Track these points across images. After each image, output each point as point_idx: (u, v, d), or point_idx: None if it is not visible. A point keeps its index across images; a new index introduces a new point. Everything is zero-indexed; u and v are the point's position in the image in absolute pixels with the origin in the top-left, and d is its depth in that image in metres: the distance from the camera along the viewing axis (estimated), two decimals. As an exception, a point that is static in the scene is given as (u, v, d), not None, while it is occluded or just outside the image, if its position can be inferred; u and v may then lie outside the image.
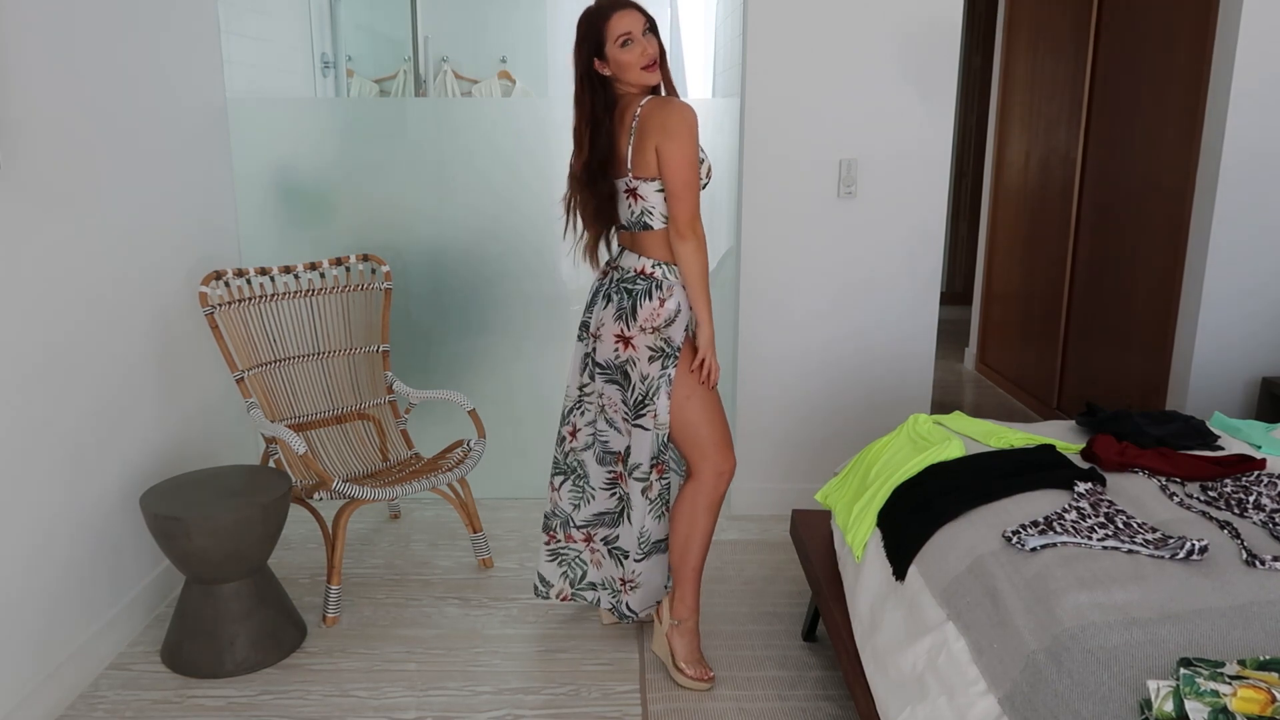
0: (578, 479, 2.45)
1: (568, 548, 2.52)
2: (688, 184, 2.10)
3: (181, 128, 2.83)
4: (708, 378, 2.23)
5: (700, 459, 2.26)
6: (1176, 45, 3.33)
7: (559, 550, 2.53)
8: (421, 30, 4.17)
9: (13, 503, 2.09)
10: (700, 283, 2.16)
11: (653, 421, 2.22)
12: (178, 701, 2.28)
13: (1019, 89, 4.77)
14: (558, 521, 2.51)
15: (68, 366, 2.28)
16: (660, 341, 2.19)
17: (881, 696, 1.74)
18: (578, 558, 2.52)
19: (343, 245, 3.30)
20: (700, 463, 2.26)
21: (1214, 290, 3.14)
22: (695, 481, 2.28)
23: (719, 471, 2.27)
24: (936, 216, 3.16)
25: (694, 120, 2.10)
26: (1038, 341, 4.55)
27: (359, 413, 3.05)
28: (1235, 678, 1.24)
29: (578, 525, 2.48)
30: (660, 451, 2.26)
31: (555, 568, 2.55)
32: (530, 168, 3.32)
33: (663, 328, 2.19)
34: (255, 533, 2.34)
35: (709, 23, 4.03)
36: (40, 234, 2.17)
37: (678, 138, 2.08)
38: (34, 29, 2.14)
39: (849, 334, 3.25)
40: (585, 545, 2.50)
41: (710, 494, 2.28)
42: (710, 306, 2.20)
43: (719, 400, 2.29)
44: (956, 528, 1.80)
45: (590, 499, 2.43)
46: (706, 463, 2.26)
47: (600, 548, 2.47)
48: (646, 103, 2.13)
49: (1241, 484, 1.87)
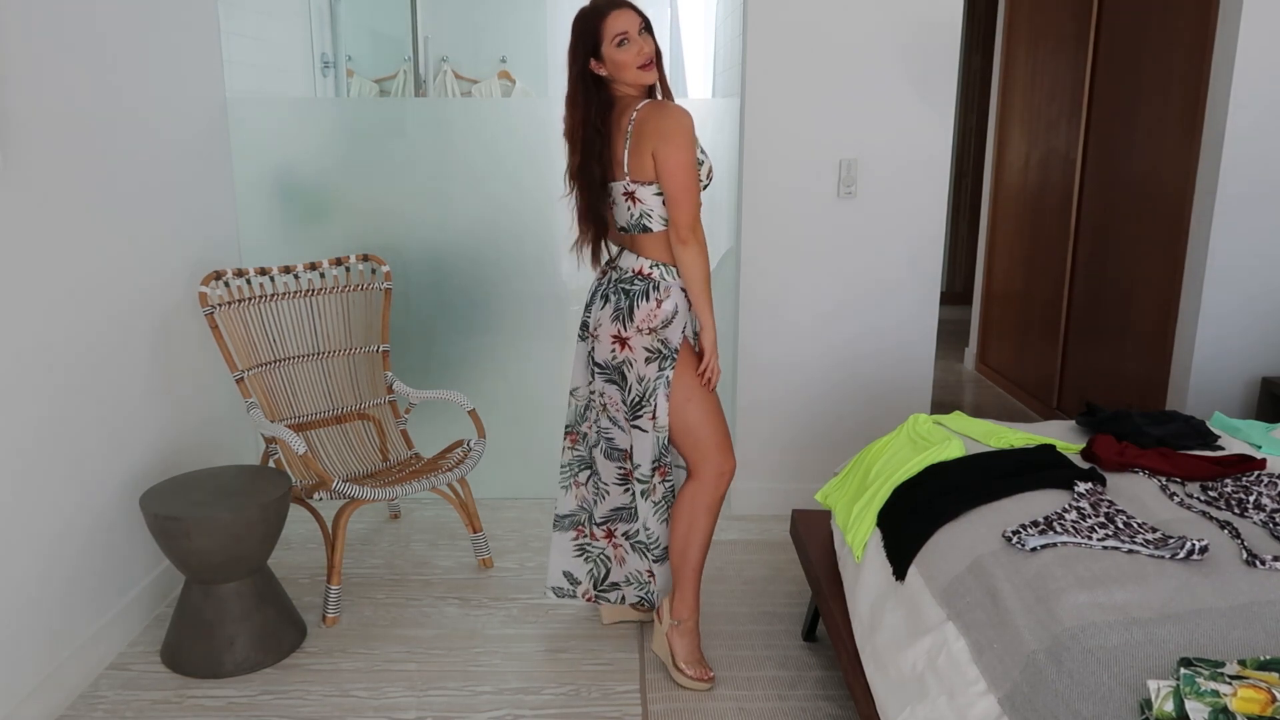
0: (594, 476, 2.44)
1: (592, 544, 2.51)
2: (686, 188, 2.10)
3: (181, 128, 2.83)
4: (709, 381, 2.23)
5: (701, 460, 2.26)
6: (1176, 45, 3.33)
7: (585, 545, 2.52)
8: (421, 30, 4.17)
9: (12, 503, 2.09)
10: (703, 286, 2.17)
11: (651, 424, 2.22)
12: (178, 701, 2.28)
13: (1019, 89, 4.77)
14: (584, 517, 2.50)
15: (67, 366, 2.28)
16: (657, 343, 2.19)
17: (881, 696, 1.74)
18: (601, 554, 2.51)
19: (343, 245, 3.30)
20: (701, 464, 2.26)
21: (1214, 290, 3.14)
22: (696, 482, 2.28)
23: (719, 472, 2.27)
24: (936, 216, 3.16)
25: (690, 124, 2.10)
26: (1038, 341, 4.55)
27: (359, 413, 3.05)
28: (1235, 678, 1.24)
29: (598, 521, 2.47)
30: (661, 454, 2.26)
31: (583, 564, 2.54)
32: (530, 168, 3.32)
33: (659, 329, 2.18)
34: (255, 533, 2.34)
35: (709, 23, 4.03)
36: (40, 234, 2.17)
37: (674, 142, 2.08)
38: (34, 29, 2.14)
39: (849, 334, 3.25)
40: (607, 541, 2.49)
41: (711, 494, 2.28)
42: (713, 309, 2.20)
43: (718, 402, 2.29)
44: (956, 528, 1.80)
45: (605, 495, 2.43)
46: (707, 463, 2.26)
47: (623, 543, 2.46)
48: (643, 106, 2.12)
49: (1241, 484, 1.87)
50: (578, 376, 2.40)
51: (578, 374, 2.40)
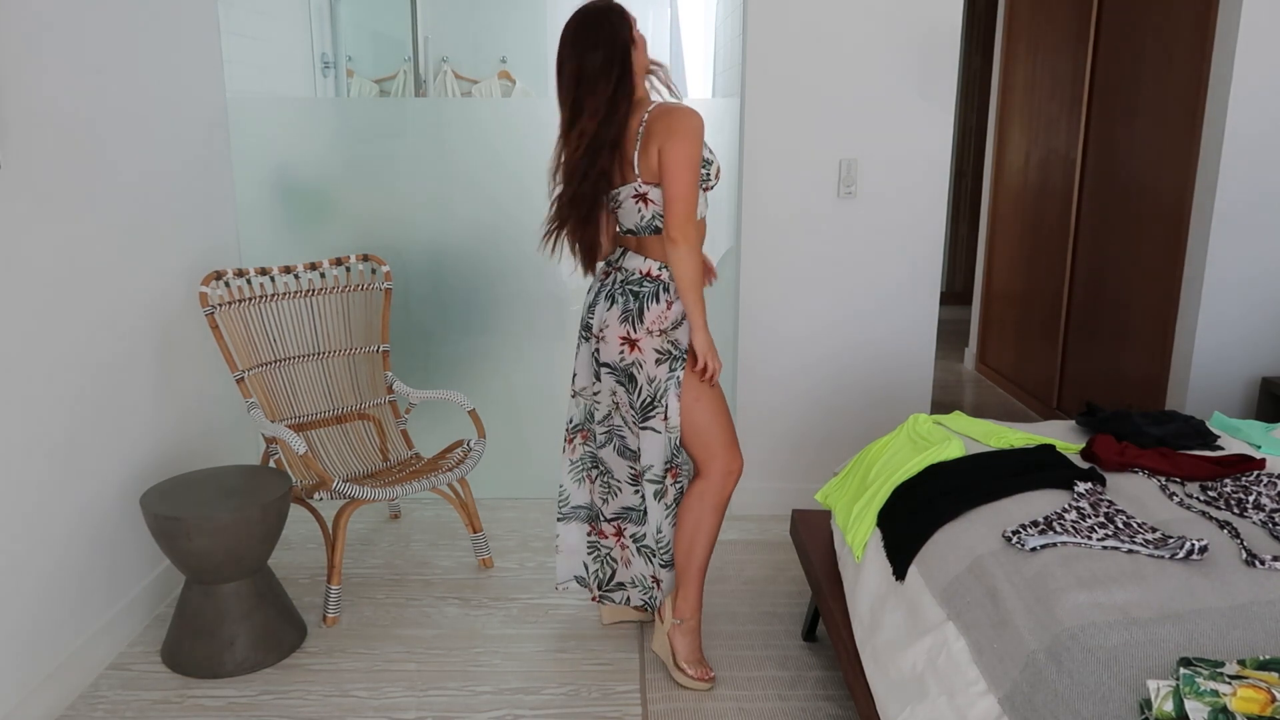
0: (603, 475, 2.44)
1: (600, 543, 2.51)
2: (687, 186, 2.09)
3: (181, 127, 2.83)
4: (710, 376, 2.22)
5: (709, 459, 2.26)
6: (1176, 45, 3.33)
7: (597, 544, 2.52)
8: (421, 30, 4.17)
9: (12, 503, 2.09)
10: (693, 287, 2.14)
11: (663, 425, 2.21)
12: (178, 701, 2.28)
13: (1019, 89, 4.77)
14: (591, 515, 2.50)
15: (68, 366, 2.28)
16: (667, 344, 2.18)
17: (881, 696, 1.74)
18: (609, 555, 2.51)
19: (343, 245, 3.30)
20: (709, 462, 2.26)
21: (1213, 290, 3.14)
22: (703, 480, 2.28)
23: (728, 471, 2.27)
24: (936, 216, 3.16)
25: (700, 125, 2.09)
26: (1038, 341, 4.55)
27: (359, 413, 3.05)
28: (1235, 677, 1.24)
29: (607, 519, 2.47)
30: (674, 455, 2.25)
31: (591, 563, 2.54)
32: (530, 168, 3.31)
33: (670, 330, 2.18)
34: (255, 533, 2.34)
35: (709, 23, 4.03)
36: (40, 233, 2.17)
37: (683, 139, 2.07)
38: (34, 29, 2.14)
39: (849, 334, 3.25)
40: (616, 541, 2.49)
41: (718, 493, 2.28)
42: (704, 310, 2.18)
43: (725, 401, 2.29)
44: (956, 528, 1.80)
45: (617, 492, 2.42)
46: (716, 462, 2.26)
47: (630, 545, 2.46)
48: (654, 108, 2.12)
49: (1241, 484, 1.87)
50: (582, 377, 2.38)
51: (582, 374, 2.38)
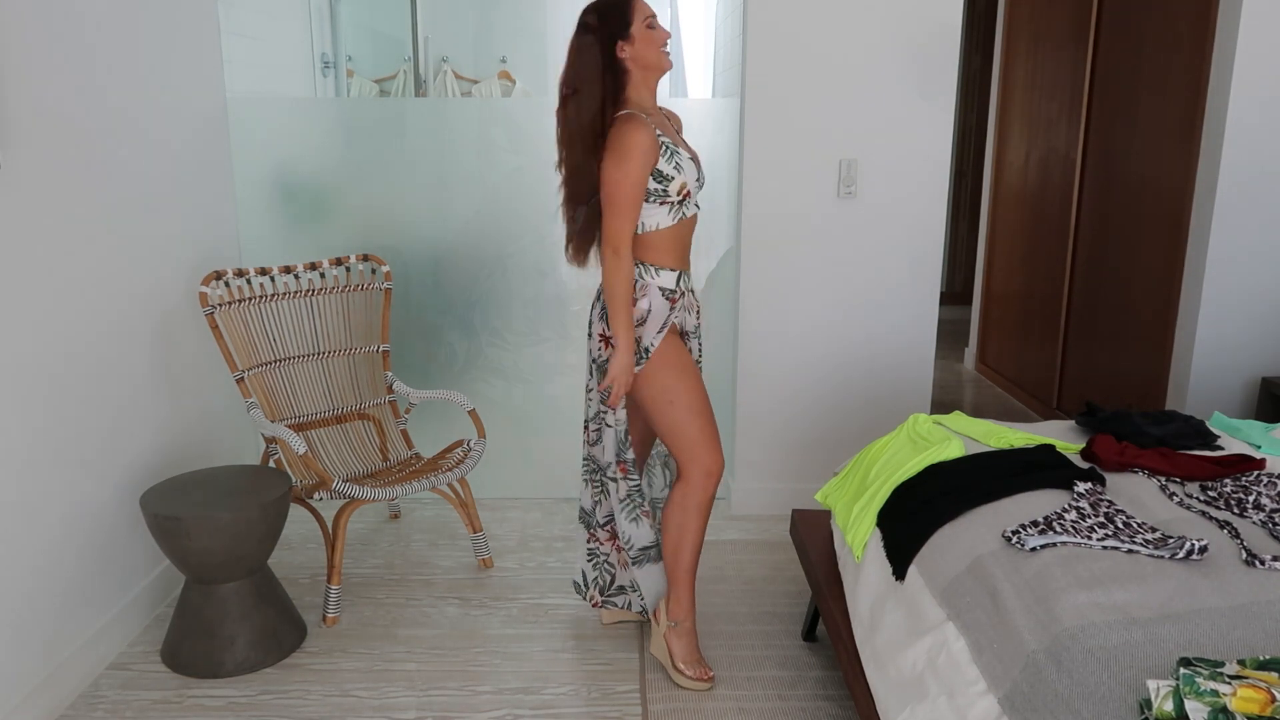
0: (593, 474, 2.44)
1: (598, 549, 2.52)
2: (612, 203, 2.09)
3: (181, 128, 2.83)
4: (611, 399, 2.18)
5: (689, 460, 2.25)
6: (1176, 45, 3.33)
7: (594, 550, 2.53)
8: (421, 30, 4.17)
9: (13, 503, 2.09)
10: (616, 302, 2.12)
11: (613, 417, 2.23)
12: (178, 701, 2.28)
13: (1019, 89, 4.77)
14: (590, 520, 2.50)
15: (67, 366, 2.28)
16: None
17: (881, 696, 1.74)
18: (605, 560, 2.52)
19: (343, 245, 3.30)
20: (689, 464, 2.26)
21: (1214, 290, 3.14)
22: (684, 483, 2.27)
23: (707, 471, 2.26)
24: (936, 217, 3.16)
25: (638, 142, 2.06)
26: (1037, 341, 4.55)
27: (359, 413, 3.05)
28: (1235, 677, 1.24)
29: (599, 523, 2.48)
30: (621, 450, 2.26)
31: (592, 569, 2.55)
32: (530, 168, 3.32)
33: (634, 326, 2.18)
34: (255, 533, 2.34)
35: (709, 23, 4.03)
36: (40, 234, 2.17)
37: (613, 156, 2.07)
38: (34, 29, 2.14)
39: (849, 334, 3.25)
40: (611, 545, 2.49)
41: (699, 495, 2.27)
42: (628, 330, 2.14)
43: (706, 399, 2.27)
44: (956, 528, 1.80)
45: (608, 493, 2.43)
46: (695, 464, 2.25)
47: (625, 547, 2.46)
48: (620, 115, 2.12)
49: (1241, 484, 1.87)
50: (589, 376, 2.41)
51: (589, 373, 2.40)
